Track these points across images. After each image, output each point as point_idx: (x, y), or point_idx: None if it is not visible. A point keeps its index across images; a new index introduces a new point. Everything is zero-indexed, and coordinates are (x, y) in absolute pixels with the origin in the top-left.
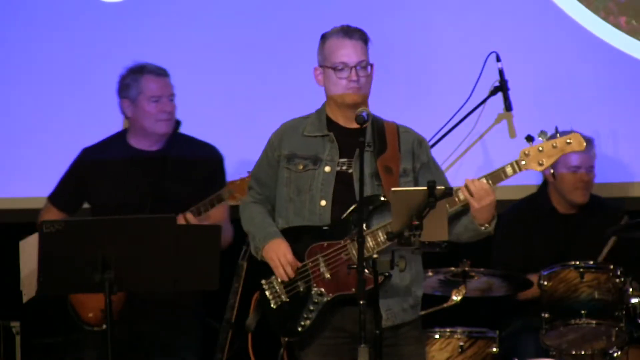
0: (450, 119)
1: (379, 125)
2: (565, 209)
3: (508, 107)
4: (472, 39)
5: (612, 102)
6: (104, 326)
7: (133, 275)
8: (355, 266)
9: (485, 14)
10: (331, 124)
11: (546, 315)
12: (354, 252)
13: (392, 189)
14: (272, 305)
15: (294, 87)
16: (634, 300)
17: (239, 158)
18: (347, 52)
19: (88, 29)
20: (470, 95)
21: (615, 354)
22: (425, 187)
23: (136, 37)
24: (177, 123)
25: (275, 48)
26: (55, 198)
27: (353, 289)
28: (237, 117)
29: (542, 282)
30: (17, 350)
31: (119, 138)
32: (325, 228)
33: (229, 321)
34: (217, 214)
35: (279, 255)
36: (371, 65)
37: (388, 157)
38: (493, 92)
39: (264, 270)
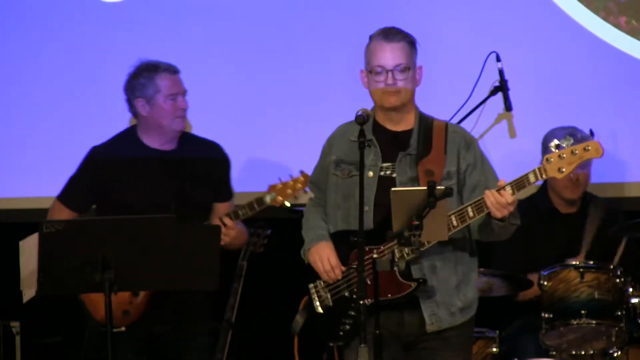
0: (450, 119)
1: (426, 125)
2: (565, 208)
3: (508, 107)
4: (472, 39)
5: (612, 102)
6: (123, 327)
7: (133, 275)
8: (355, 266)
9: (485, 14)
10: (377, 128)
11: (546, 315)
12: (391, 255)
13: (392, 189)
14: (317, 309)
15: (297, 87)
16: (634, 300)
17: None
18: (384, 55)
19: (88, 29)
20: (470, 95)
21: (615, 354)
22: (425, 187)
23: (136, 37)
24: None
25: (272, 47)
26: (66, 198)
27: (389, 295)
28: (241, 116)
29: (542, 282)
30: (17, 350)
31: (130, 136)
32: (368, 232)
33: (229, 321)
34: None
35: (322, 258)
36: (418, 67)
37: (431, 160)
38: (493, 92)
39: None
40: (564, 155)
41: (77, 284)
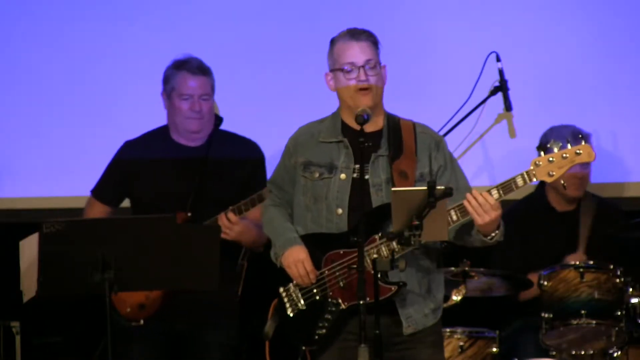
0: (450, 119)
1: (395, 126)
2: (562, 206)
3: (508, 107)
4: (472, 39)
5: (612, 102)
6: (142, 321)
7: (133, 275)
8: (355, 267)
9: (485, 14)
10: (346, 129)
11: (546, 315)
12: (369, 260)
13: (392, 188)
14: (289, 313)
15: (310, 88)
16: (634, 300)
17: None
18: (354, 52)
19: (88, 29)
20: (470, 95)
21: (615, 354)
22: (425, 187)
23: (137, 37)
24: (219, 120)
25: (278, 48)
26: (99, 192)
27: (367, 298)
28: (247, 115)
29: (542, 282)
30: (17, 350)
31: (162, 132)
32: (342, 235)
33: None
34: (254, 213)
35: (297, 263)
36: (382, 66)
37: (403, 162)
38: (493, 92)
39: (269, 273)
40: (554, 159)
41: (77, 284)
